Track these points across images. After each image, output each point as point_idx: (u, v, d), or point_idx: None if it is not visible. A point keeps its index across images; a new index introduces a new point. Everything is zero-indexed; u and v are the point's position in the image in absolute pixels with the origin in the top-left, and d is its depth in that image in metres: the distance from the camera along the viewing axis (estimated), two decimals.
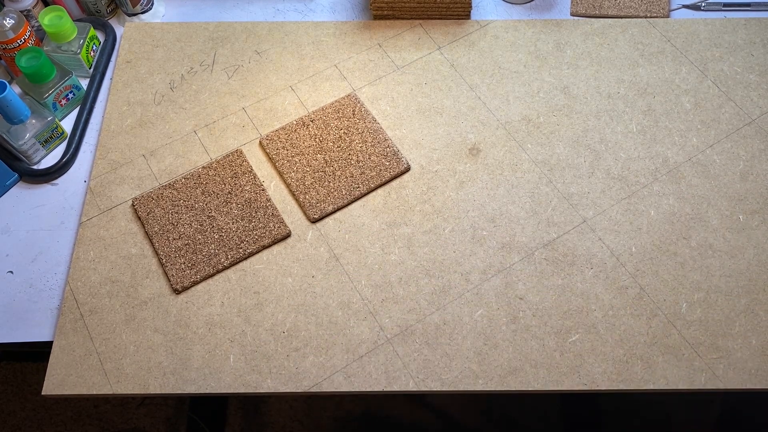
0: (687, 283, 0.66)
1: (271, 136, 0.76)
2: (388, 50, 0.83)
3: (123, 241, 0.70)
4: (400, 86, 0.80)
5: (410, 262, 0.68)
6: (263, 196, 0.72)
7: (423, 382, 0.62)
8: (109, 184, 0.74)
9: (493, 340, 0.64)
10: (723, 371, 0.61)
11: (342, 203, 0.71)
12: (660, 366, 0.62)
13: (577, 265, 0.67)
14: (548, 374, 0.62)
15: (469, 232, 0.70)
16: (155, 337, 0.65)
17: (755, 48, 0.81)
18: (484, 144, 0.75)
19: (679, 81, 0.79)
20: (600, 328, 0.64)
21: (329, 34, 0.85)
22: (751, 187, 0.71)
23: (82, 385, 0.63)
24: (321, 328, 0.65)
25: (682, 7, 0.86)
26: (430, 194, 0.72)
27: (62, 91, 0.78)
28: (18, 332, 0.66)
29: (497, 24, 0.84)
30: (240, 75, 0.82)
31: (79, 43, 0.81)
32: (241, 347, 0.64)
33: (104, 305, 0.67)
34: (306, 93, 0.80)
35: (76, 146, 0.77)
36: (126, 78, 0.82)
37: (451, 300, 0.66)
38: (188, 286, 0.67)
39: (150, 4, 0.87)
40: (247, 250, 0.69)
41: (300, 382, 0.62)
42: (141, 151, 0.77)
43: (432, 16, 0.85)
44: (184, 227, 0.70)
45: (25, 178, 0.76)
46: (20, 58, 0.75)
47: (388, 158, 0.74)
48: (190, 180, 0.73)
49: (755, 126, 0.75)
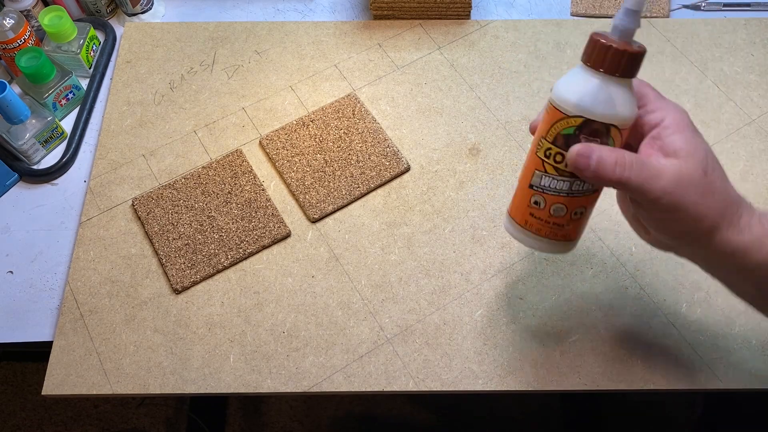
0: (687, 283, 0.66)
1: (271, 136, 0.76)
2: (388, 50, 0.83)
3: (123, 241, 0.70)
4: (400, 86, 0.80)
5: (410, 262, 0.68)
6: (263, 196, 0.72)
7: (423, 382, 0.62)
8: (109, 184, 0.74)
9: (493, 340, 0.64)
10: (723, 371, 0.61)
11: (342, 203, 0.71)
12: (660, 366, 0.62)
13: (577, 265, 0.67)
14: (548, 374, 0.62)
15: (469, 232, 0.70)
16: (155, 337, 0.65)
17: (755, 48, 0.81)
18: (484, 144, 0.75)
19: (679, 81, 0.79)
20: (600, 328, 0.64)
21: (329, 34, 0.85)
22: (751, 187, 0.71)
23: (82, 385, 0.63)
24: (321, 328, 0.65)
25: (682, 7, 0.86)
26: (430, 194, 0.72)
27: (62, 91, 0.78)
28: (18, 332, 0.66)
29: (497, 24, 0.84)
30: (240, 75, 0.82)
31: (79, 43, 0.81)
32: (241, 347, 0.64)
33: (104, 305, 0.67)
34: (306, 93, 0.80)
35: (76, 146, 0.77)
36: (126, 78, 0.82)
37: (451, 300, 0.66)
38: (188, 286, 0.67)
39: (150, 4, 0.87)
40: (247, 250, 0.69)
41: (300, 382, 0.62)
42: (141, 151, 0.77)
43: (432, 16, 0.85)
44: (184, 227, 0.70)
45: (25, 178, 0.76)
46: (20, 58, 0.75)
47: (388, 158, 0.74)
48: (190, 180, 0.73)
49: (755, 126, 0.75)
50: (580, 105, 0.44)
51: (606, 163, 0.43)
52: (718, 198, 0.44)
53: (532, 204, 0.49)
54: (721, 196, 0.44)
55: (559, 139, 0.45)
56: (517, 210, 0.50)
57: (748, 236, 0.44)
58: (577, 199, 0.48)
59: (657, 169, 0.43)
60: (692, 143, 0.45)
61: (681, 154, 0.44)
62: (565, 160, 0.45)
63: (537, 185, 0.48)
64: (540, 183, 0.48)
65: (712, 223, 0.44)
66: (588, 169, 0.44)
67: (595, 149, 0.44)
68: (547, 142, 0.46)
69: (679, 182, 0.43)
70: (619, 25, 0.44)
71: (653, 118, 0.46)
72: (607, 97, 0.44)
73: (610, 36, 0.44)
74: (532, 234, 0.49)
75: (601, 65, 0.44)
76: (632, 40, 0.44)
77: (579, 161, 0.44)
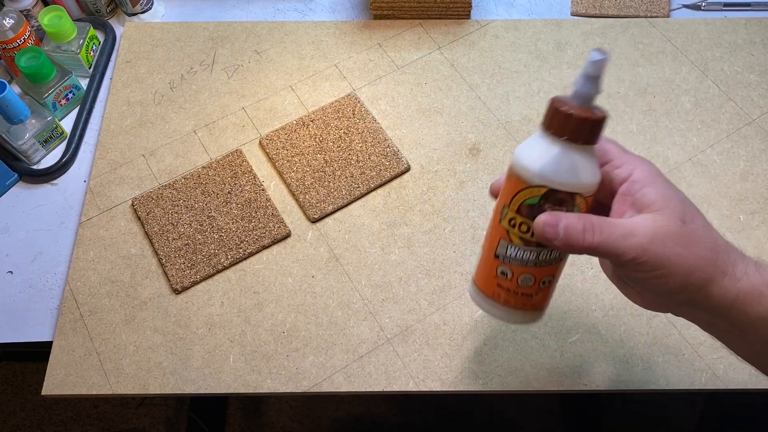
0: None
1: (271, 136, 0.76)
2: (388, 50, 0.83)
3: (123, 241, 0.70)
4: (400, 86, 0.80)
5: (410, 262, 0.68)
6: (263, 196, 0.72)
7: (423, 382, 0.62)
8: (108, 184, 0.74)
9: (493, 340, 0.64)
10: (723, 371, 0.61)
11: (342, 203, 0.71)
12: (660, 366, 0.62)
13: (577, 265, 0.67)
14: (548, 374, 0.62)
15: (469, 232, 0.70)
16: (155, 337, 0.65)
17: (755, 48, 0.81)
18: (484, 144, 0.75)
19: (680, 81, 0.79)
20: (600, 328, 0.64)
21: (329, 33, 0.85)
22: (751, 187, 0.71)
23: (82, 385, 0.63)
24: (321, 328, 0.65)
25: (682, 6, 0.86)
26: (430, 194, 0.72)
27: (62, 90, 0.78)
28: (18, 332, 0.66)
29: (497, 24, 0.84)
30: (240, 75, 0.82)
31: (78, 43, 0.81)
32: (241, 347, 0.64)
33: (104, 305, 0.67)
34: (306, 93, 0.80)
35: (75, 146, 0.77)
36: (126, 78, 0.82)
37: (451, 300, 0.66)
38: (188, 286, 0.67)
39: (150, 4, 0.87)
40: (247, 250, 0.69)
41: (300, 382, 0.62)
42: (141, 151, 0.76)
43: (432, 16, 0.85)
44: (183, 227, 0.70)
45: (24, 178, 0.76)
46: (20, 58, 0.75)
47: (388, 158, 0.74)
48: (190, 180, 0.73)
49: (755, 126, 0.75)
50: (543, 174, 0.42)
51: (575, 230, 0.41)
52: (705, 247, 0.42)
53: (499, 274, 0.46)
54: (707, 244, 0.42)
55: (523, 209, 0.44)
56: (484, 280, 0.47)
57: (747, 285, 0.41)
58: (546, 268, 0.46)
59: (628, 228, 0.41)
60: (665, 194, 0.42)
61: (654, 207, 0.42)
62: (531, 230, 0.43)
63: (503, 255, 0.45)
64: (506, 253, 0.45)
65: (705, 275, 0.41)
66: (557, 239, 0.42)
67: (562, 217, 0.42)
68: (511, 211, 0.44)
69: (655, 236, 0.41)
70: (580, 90, 0.42)
71: (621, 173, 0.44)
72: (570, 165, 0.42)
73: (570, 102, 0.42)
74: (500, 305, 0.47)
75: (562, 133, 0.42)
76: (593, 105, 0.43)
77: (546, 231, 0.42)
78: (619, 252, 0.41)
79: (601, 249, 0.42)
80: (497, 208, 0.46)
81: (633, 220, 0.42)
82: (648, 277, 0.42)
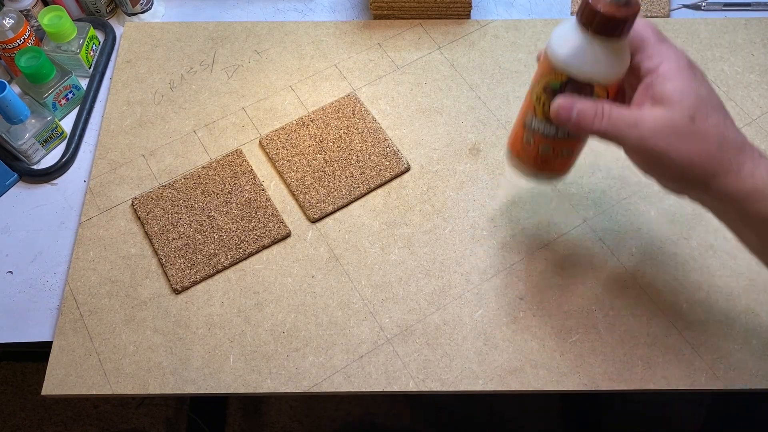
0: (687, 283, 0.66)
1: (270, 136, 0.76)
2: (388, 50, 0.83)
3: (123, 241, 0.70)
4: (400, 86, 0.80)
5: (410, 262, 0.68)
6: (263, 196, 0.72)
7: (423, 383, 0.62)
8: (108, 184, 0.74)
9: (493, 340, 0.64)
10: (723, 371, 0.61)
11: (342, 203, 0.71)
12: (660, 366, 0.62)
13: (576, 265, 0.67)
14: (548, 374, 0.62)
15: (469, 232, 0.70)
16: (155, 337, 0.65)
17: (755, 48, 0.81)
18: (485, 144, 0.75)
19: None
20: (600, 328, 0.64)
21: (329, 33, 0.85)
22: None
23: (82, 385, 0.63)
24: (321, 328, 0.65)
25: (682, 6, 0.86)
26: (430, 194, 0.72)
27: (62, 90, 0.78)
28: (18, 332, 0.66)
29: (497, 24, 0.84)
30: (240, 75, 0.82)
31: (78, 43, 0.81)
32: (241, 347, 0.64)
33: (104, 305, 0.67)
34: (306, 93, 0.80)
35: (75, 146, 0.77)
36: (126, 78, 0.82)
37: (451, 300, 0.66)
38: (188, 286, 0.67)
39: (150, 4, 0.87)
40: (247, 250, 0.69)
41: (300, 383, 0.62)
42: (141, 151, 0.76)
43: (432, 16, 0.85)
44: (183, 227, 0.70)
45: (24, 178, 0.76)
46: (20, 58, 0.75)
47: (388, 158, 0.74)
48: (190, 180, 0.73)
49: (755, 126, 0.75)
50: (567, 62, 0.46)
51: (586, 115, 0.45)
52: (710, 143, 0.44)
53: (525, 140, 0.53)
54: (713, 141, 0.44)
55: (548, 89, 0.48)
56: (513, 142, 0.55)
57: (751, 184, 0.43)
58: (563, 141, 0.51)
59: (634, 118, 0.44)
60: (682, 90, 0.44)
61: (667, 102, 0.44)
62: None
63: (529, 125, 0.52)
64: (531, 124, 0.51)
65: (706, 170, 0.44)
66: (569, 122, 0.46)
67: (577, 102, 0.46)
68: (539, 88, 0.49)
69: (656, 129, 0.43)
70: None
71: (650, 64, 0.46)
72: (593, 56, 0.45)
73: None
74: (524, 165, 0.55)
75: (589, 25, 0.44)
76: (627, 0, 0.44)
77: (561, 114, 0.46)
78: (622, 139, 0.45)
79: (608, 135, 0.45)
80: (533, 80, 0.50)
81: (643, 112, 0.44)
82: (646, 164, 0.46)
